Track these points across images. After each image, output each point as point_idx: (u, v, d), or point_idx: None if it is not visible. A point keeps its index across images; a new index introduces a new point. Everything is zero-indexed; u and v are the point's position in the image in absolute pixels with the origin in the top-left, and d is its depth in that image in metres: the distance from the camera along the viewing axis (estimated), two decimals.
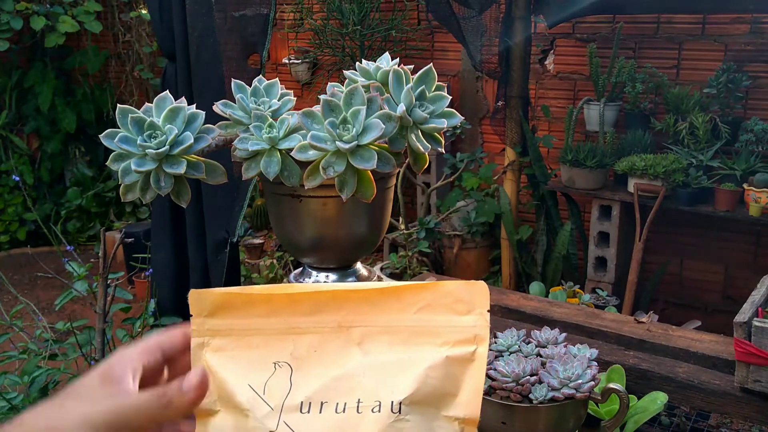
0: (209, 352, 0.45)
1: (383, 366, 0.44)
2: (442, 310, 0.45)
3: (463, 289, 0.45)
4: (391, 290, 0.45)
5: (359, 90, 0.70)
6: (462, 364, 0.44)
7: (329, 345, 0.44)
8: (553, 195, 2.90)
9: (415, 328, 0.45)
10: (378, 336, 0.45)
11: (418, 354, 0.44)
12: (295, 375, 0.44)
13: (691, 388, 1.11)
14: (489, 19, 2.68)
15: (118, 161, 0.73)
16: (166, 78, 1.75)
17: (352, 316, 0.45)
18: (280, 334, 0.45)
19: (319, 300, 0.45)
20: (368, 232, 0.83)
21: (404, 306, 0.45)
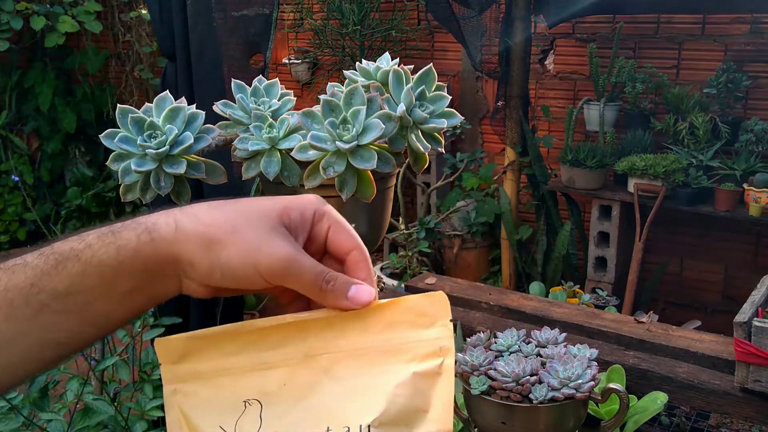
0: (180, 397, 0.45)
1: (351, 390, 0.44)
2: (405, 326, 0.45)
3: (423, 302, 0.45)
4: (353, 314, 0.45)
5: (359, 90, 0.70)
6: (430, 378, 0.44)
7: (298, 377, 0.44)
8: (553, 195, 2.90)
9: (380, 348, 0.45)
10: (345, 361, 0.45)
11: (385, 374, 0.44)
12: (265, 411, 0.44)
13: (691, 388, 1.11)
14: (489, 19, 2.68)
15: (118, 161, 0.73)
16: (166, 78, 1.75)
17: (319, 344, 0.45)
18: (249, 372, 0.45)
19: (284, 332, 0.45)
20: (368, 232, 0.83)
21: (367, 327, 0.45)
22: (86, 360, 1.67)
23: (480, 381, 0.89)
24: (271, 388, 0.44)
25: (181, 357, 0.45)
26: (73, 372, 1.68)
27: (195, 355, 0.45)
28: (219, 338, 0.45)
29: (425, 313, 0.45)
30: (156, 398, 1.42)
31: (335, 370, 0.44)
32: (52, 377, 1.57)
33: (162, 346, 0.45)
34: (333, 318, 0.45)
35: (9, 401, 1.45)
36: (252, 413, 0.44)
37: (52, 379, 1.57)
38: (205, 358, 0.45)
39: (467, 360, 0.92)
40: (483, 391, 0.88)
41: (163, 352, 0.45)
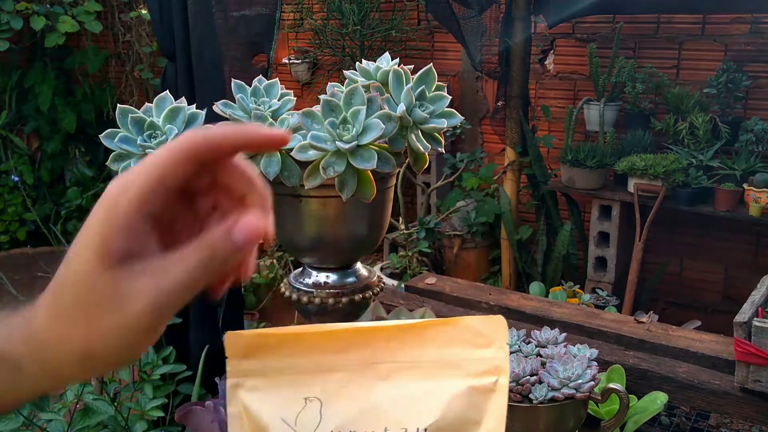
0: (244, 391, 0.47)
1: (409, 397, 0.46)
2: (462, 344, 0.48)
3: (482, 323, 0.48)
4: (415, 326, 0.48)
5: (359, 90, 0.70)
6: (484, 394, 0.47)
7: (357, 381, 0.47)
8: (553, 195, 2.90)
9: (438, 362, 0.47)
10: (404, 371, 0.47)
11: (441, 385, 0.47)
12: (325, 408, 0.46)
13: (691, 388, 1.11)
14: (489, 19, 2.68)
15: (118, 161, 0.73)
16: (166, 78, 1.75)
17: (379, 353, 0.47)
18: (310, 373, 0.47)
19: (348, 338, 0.48)
20: (368, 232, 0.83)
21: (426, 341, 0.48)
22: None
23: None
24: (331, 388, 0.47)
25: (247, 353, 0.47)
26: None
27: (261, 352, 0.47)
28: (285, 339, 0.47)
29: (483, 333, 0.48)
30: (156, 398, 1.42)
31: (393, 378, 0.47)
32: None
33: (231, 341, 0.47)
34: (394, 330, 0.48)
35: None
36: (312, 409, 0.46)
37: None
38: (270, 356, 0.47)
39: None
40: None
41: (231, 346, 0.47)
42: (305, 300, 0.82)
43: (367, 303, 0.87)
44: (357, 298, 0.83)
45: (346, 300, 0.82)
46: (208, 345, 1.69)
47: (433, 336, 0.48)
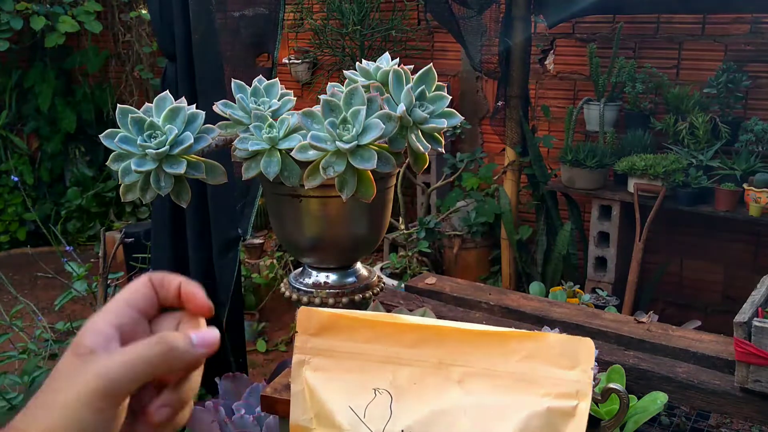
0: (309, 370, 0.46)
1: (484, 408, 0.44)
2: (545, 361, 0.45)
3: (567, 343, 0.46)
4: (495, 334, 0.46)
5: (359, 90, 0.70)
6: (562, 417, 0.44)
7: (429, 379, 0.45)
8: (553, 195, 2.90)
9: (517, 375, 0.45)
10: (479, 378, 0.45)
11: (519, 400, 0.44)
12: (395, 404, 0.44)
13: (690, 388, 1.11)
14: (489, 19, 2.68)
15: (118, 161, 0.73)
16: (166, 78, 1.75)
17: (454, 355, 0.45)
18: (381, 362, 0.45)
19: (422, 334, 0.45)
20: (368, 232, 0.83)
21: (507, 352, 0.45)
22: None
23: None
24: (401, 382, 0.45)
25: (319, 331, 0.45)
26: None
27: (333, 332, 0.46)
28: (358, 323, 0.46)
29: (567, 353, 0.45)
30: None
31: (468, 384, 0.45)
32: None
33: (304, 316, 0.46)
34: (472, 333, 0.45)
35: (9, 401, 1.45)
36: (382, 402, 0.44)
37: None
38: (341, 338, 0.46)
39: None
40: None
41: (304, 321, 0.46)
42: (305, 300, 0.82)
43: (367, 303, 0.87)
44: (357, 298, 0.83)
45: (346, 300, 0.82)
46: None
47: (514, 347, 0.45)
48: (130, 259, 2.62)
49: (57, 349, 1.72)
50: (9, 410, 1.46)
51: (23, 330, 1.79)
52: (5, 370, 1.65)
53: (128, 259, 2.79)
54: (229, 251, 1.72)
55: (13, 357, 1.67)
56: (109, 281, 1.68)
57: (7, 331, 1.77)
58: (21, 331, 1.78)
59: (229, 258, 1.72)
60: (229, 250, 1.72)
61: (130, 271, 2.61)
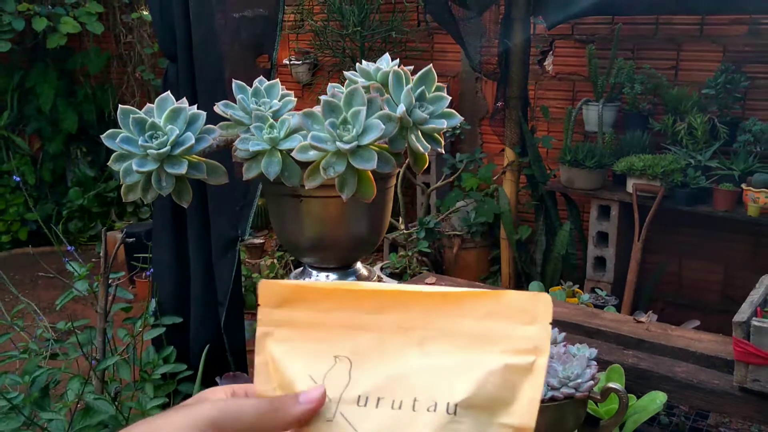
0: (273, 341, 0.46)
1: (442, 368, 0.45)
2: (503, 318, 0.45)
3: (526, 299, 0.45)
4: (453, 295, 0.46)
5: (359, 91, 0.70)
6: (520, 373, 0.44)
7: (389, 344, 0.45)
8: (552, 195, 2.91)
9: (475, 334, 0.45)
10: (438, 339, 0.45)
11: (477, 359, 0.45)
12: (354, 370, 0.45)
13: (690, 387, 1.12)
14: (488, 20, 2.69)
15: (119, 161, 0.74)
16: (167, 79, 1.76)
17: (414, 319, 0.46)
18: (342, 329, 0.46)
19: (382, 300, 0.46)
20: (368, 232, 0.83)
21: (465, 312, 0.45)
22: (87, 360, 1.67)
23: None
24: (362, 348, 0.45)
25: (281, 303, 0.46)
26: (74, 372, 1.68)
27: (293, 304, 0.46)
28: (319, 293, 0.46)
29: (527, 310, 0.45)
30: (157, 398, 1.42)
31: (427, 346, 0.45)
32: (52, 377, 1.58)
33: (265, 289, 0.46)
34: (431, 296, 0.46)
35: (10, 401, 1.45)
36: (341, 369, 0.45)
37: (53, 378, 1.57)
38: (303, 308, 0.46)
39: None
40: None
41: (265, 294, 0.46)
42: None
43: None
44: None
45: None
46: (208, 345, 1.69)
47: (472, 307, 0.45)
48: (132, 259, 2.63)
49: (58, 349, 1.73)
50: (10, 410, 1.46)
51: (24, 330, 1.79)
52: (6, 369, 1.65)
53: (129, 259, 2.79)
54: (227, 251, 1.72)
55: (14, 357, 1.67)
56: (110, 281, 1.69)
57: (9, 330, 1.78)
58: (22, 330, 1.78)
59: (227, 258, 1.73)
60: (228, 251, 1.72)
61: (131, 270, 2.62)
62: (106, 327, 1.69)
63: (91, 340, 1.70)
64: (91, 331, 1.72)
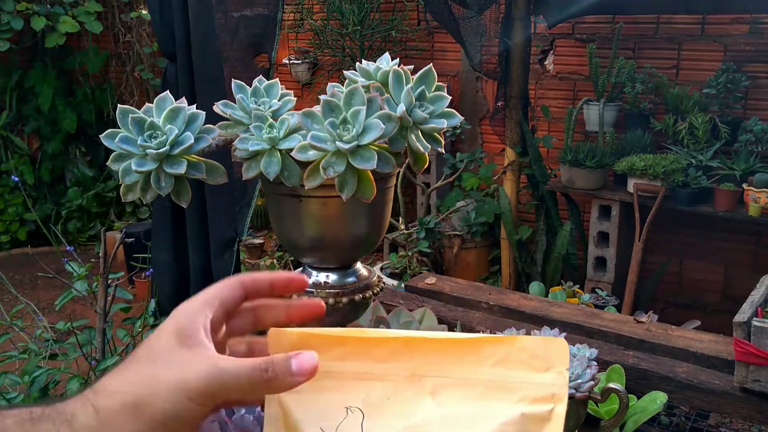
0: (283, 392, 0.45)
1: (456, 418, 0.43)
2: (518, 365, 0.44)
3: (541, 345, 0.45)
4: (467, 342, 0.45)
5: (359, 90, 0.70)
6: (538, 423, 0.44)
7: (402, 393, 0.44)
8: (552, 195, 2.90)
9: (490, 382, 0.44)
10: (452, 388, 0.44)
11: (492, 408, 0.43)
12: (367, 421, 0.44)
13: (690, 387, 1.11)
14: (488, 19, 2.68)
15: (118, 161, 0.74)
16: (166, 78, 1.75)
17: (426, 366, 0.45)
18: (354, 379, 0.45)
19: (393, 346, 0.45)
20: (368, 232, 0.83)
21: (479, 359, 0.44)
22: (86, 360, 1.67)
23: None
24: (374, 399, 0.44)
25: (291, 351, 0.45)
26: (73, 372, 1.68)
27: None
28: (329, 341, 0.45)
29: (541, 356, 0.44)
30: None
31: (441, 395, 0.44)
32: (52, 377, 1.57)
33: (274, 337, 0.45)
34: (444, 342, 0.45)
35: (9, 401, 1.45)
36: (353, 421, 0.44)
37: (52, 379, 1.57)
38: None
39: None
40: None
41: (275, 342, 0.45)
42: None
43: (367, 303, 0.87)
44: (357, 298, 0.83)
45: (346, 300, 0.82)
46: None
47: (486, 353, 0.44)
48: (131, 259, 2.63)
49: (57, 349, 1.72)
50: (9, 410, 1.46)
51: (24, 330, 1.79)
52: (5, 369, 1.65)
53: (129, 259, 2.79)
54: (226, 251, 1.72)
55: (14, 357, 1.67)
56: (109, 281, 1.68)
57: (8, 330, 1.77)
58: (21, 330, 1.78)
59: (226, 258, 1.72)
60: (226, 250, 1.72)
61: (131, 271, 2.62)
62: (105, 327, 1.68)
63: (91, 340, 1.70)
64: (91, 332, 1.71)
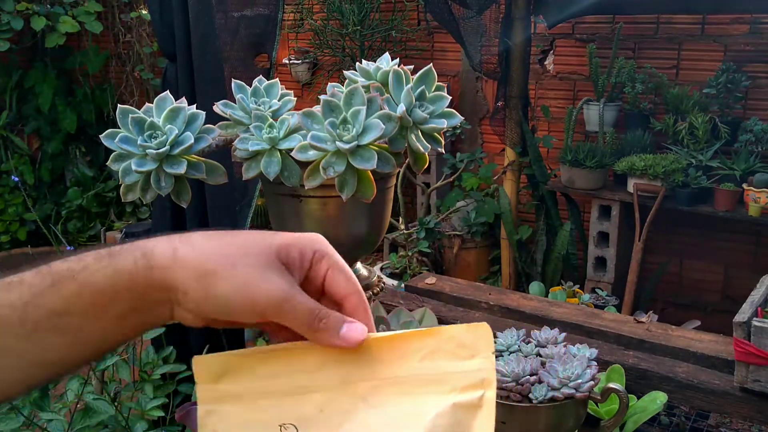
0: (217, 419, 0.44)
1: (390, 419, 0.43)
2: (446, 356, 0.44)
3: (465, 332, 0.44)
4: (393, 339, 0.45)
5: (359, 90, 0.70)
6: (470, 411, 0.44)
7: (335, 402, 0.44)
8: (552, 195, 2.90)
9: (420, 377, 0.44)
10: (383, 388, 0.44)
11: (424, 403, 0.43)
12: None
13: (690, 387, 1.11)
14: (488, 19, 2.68)
15: (118, 161, 0.74)
16: (166, 78, 1.75)
17: (356, 370, 0.44)
18: (286, 395, 0.44)
19: (322, 356, 0.44)
20: (368, 232, 0.83)
21: (407, 354, 0.44)
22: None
23: None
24: (308, 412, 0.44)
25: (219, 377, 0.44)
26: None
27: (232, 375, 0.44)
28: (256, 359, 0.45)
29: (467, 344, 0.44)
30: (156, 398, 1.42)
31: (373, 398, 0.44)
32: None
33: (200, 365, 0.44)
34: (371, 344, 0.44)
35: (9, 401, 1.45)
36: None
37: None
38: (243, 379, 0.44)
39: None
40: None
41: (202, 371, 0.44)
42: None
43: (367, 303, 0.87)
44: None
45: None
46: (208, 345, 1.69)
47: (413, 348, 0.44)
48: None
49: None
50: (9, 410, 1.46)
51: None
52: None
53: None
54: None
55: None
56: None
57: None
58: None
59: None
60: None
61: None
62: None
63: None
64: None
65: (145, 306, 0.42)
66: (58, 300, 0.40)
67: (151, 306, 0.42)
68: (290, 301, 0.42)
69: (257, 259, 0.42)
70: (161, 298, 0.42)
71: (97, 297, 0.41)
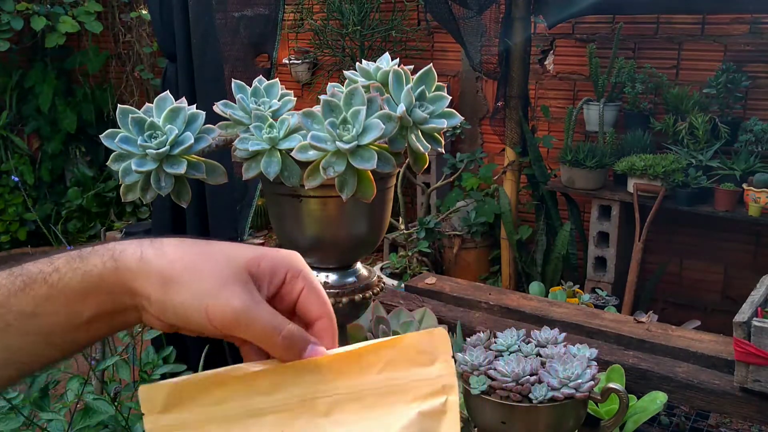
0: None
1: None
2: (405, 364, 0.43)
3: (423, 339, 0.44)
4: (350, 354, 0.44)
5: (359, 90, 0.70)
6: (435, 417, 0.43)
7: (295, 422, 0.42)
8: (552, 195, 2.90)
9: (381, 389, 0.43)
10: (345, 404, 0.43)
11: (388, 415, 0.42)
12: None
13: (690, 387, 1.11)
14: (488, 19, 2.68)
15: (118, 161, 0.74)
16: (166, 78, 1.75)
17: (315, 387, 0.43)
18: (241, 419, 0.42)
19: (277, 375, 0.43)
20: (368, 232, 0.83)
21: (366, 367, 0.43)
22: (86, 360, 1.67)
23: (480, 381, 0.89)
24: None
25: (167, 406, 0.42)
26: (73, 372, 1.68)
27: (181, 403, 0.42)
28: (206, 385, 0.43)
29: (425, 350, 0.44)
30: None
31: (335, 414, 0.43)
32: (52, 377, 1.57)
33: (145, 395, 0.42)
34: (329, 358, 0.43)
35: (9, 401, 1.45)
36: None
37: (52, 378, 1.57)
38: (193, 406, 0.42)
39: (467, 360, 0.92)
40: (483, 390, 0.89)
41: (147, 401, 0.42)
42: None
43: (367, 303, 0.87)
44: (357, 298, 0.83)
45: (346, 300, 0.82)
46: (207, 345, 1.69)
47: (372, 360, 0.43)
48: None
49: None
50: (9, 410, 1.46)
51: None
52: None
53: None
54: None
55: None
56: None
57: None
58: None
59: None
60: None
61: None
62: None
63: None
64: None
65: (114, 309, 0.42)
66: (30, 302, 0.40)
67: (120, 309, 0.42)
68: (248, 313, 0.41)
69: (222, 270, 0.42)
70: (128, 302, 0.42)
71: (66, 300, 0.41)
